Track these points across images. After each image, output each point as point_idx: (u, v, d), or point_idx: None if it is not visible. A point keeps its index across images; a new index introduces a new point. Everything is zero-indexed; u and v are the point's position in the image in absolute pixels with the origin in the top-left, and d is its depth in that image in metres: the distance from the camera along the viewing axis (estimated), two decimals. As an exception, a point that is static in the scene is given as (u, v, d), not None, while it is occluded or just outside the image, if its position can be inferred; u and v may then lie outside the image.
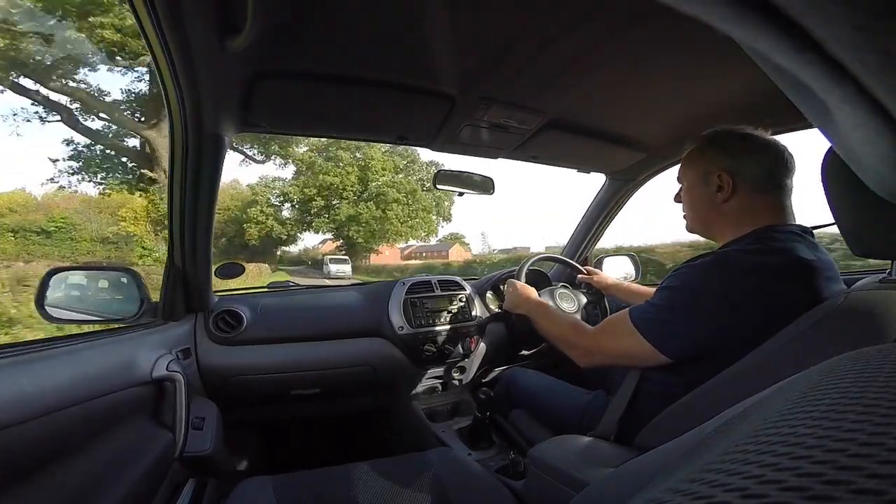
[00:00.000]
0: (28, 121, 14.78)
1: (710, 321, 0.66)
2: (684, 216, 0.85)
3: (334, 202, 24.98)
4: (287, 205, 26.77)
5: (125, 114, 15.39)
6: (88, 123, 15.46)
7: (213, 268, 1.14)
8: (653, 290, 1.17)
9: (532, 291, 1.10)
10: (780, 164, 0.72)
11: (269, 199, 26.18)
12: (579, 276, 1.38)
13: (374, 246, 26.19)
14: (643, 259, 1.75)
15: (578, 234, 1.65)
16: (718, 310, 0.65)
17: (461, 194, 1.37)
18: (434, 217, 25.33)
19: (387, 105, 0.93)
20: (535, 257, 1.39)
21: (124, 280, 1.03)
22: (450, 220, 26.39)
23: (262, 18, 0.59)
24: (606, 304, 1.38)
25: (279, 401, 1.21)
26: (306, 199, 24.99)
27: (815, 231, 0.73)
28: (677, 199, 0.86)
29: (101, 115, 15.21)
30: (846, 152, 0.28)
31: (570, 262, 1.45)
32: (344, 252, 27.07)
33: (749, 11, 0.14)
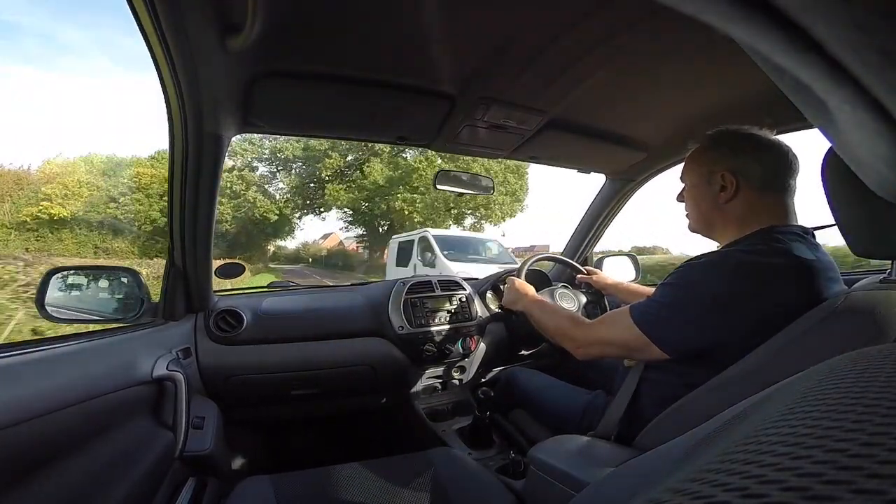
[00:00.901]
0: None
1: (709, 320, 0.66)
2: (686, 215, 0.85)
3: (353, 173, 15.58)
4: (281, 174, 16.87)
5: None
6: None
7: (213, 268, 1.14)
8: (653, 289, 1.17)
9: (530, 288, 1.10)
10: (785, 164, 0.72)
11: (250, 161, 17.34)
12: (578, 276, 1.39)
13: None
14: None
15: (578, 235, 1.65)
16: (719, 309, 0.65)
17: (461, 194, 1.37)
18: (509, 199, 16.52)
19: (387, 105, 0.93)
20: (536, 257, 1.39)
21: (124, 280, 1.03)
22: (521, 202, 17.56)
23: (262, 18, 0.59)
24: (606, 303, 1.38)
25: (279, 400, 1.21)
26: (311, 157, 15.89)
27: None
28: (680, 198, 0.86)
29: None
30: (846, 152, 0.29)
31: (570, 262, 1.46)
32: (366, 242, 16.82)
33: (749, 11, 0.14)
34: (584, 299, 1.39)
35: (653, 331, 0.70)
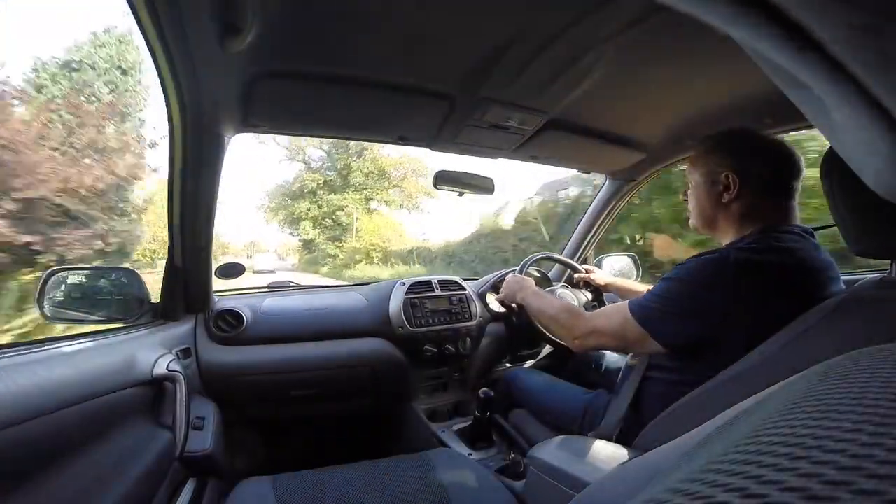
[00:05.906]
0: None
1: (707, 317, 0.66)
2: (689, 213, 0.86)
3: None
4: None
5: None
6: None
7: (214, 267, 1.14)
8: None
9: (529, 281, 1.11)
10: (788, 165, 0.72)
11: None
12: (576, 275, 1.39)
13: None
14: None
15: (579, 234, 1.66)
16: (717, 306, 0.66)
17: (461, 194, 1.37)
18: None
19: (387, 105, 0.93)
20: (536, 256, 1.39)
21: (124, 280, 1.03)
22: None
23: (262, 18, 0.59)
24: (605, 301, 1.38)
25: (279, 401, 1.21)
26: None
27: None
28: (683, 196, 0.87)
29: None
30: (846, 152, 0.29)
31: (569, 261, 1.46)
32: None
33: (749, 11, 0.14)
34: (584, 298, 1.38)
35: (648, 323, 0.71)
